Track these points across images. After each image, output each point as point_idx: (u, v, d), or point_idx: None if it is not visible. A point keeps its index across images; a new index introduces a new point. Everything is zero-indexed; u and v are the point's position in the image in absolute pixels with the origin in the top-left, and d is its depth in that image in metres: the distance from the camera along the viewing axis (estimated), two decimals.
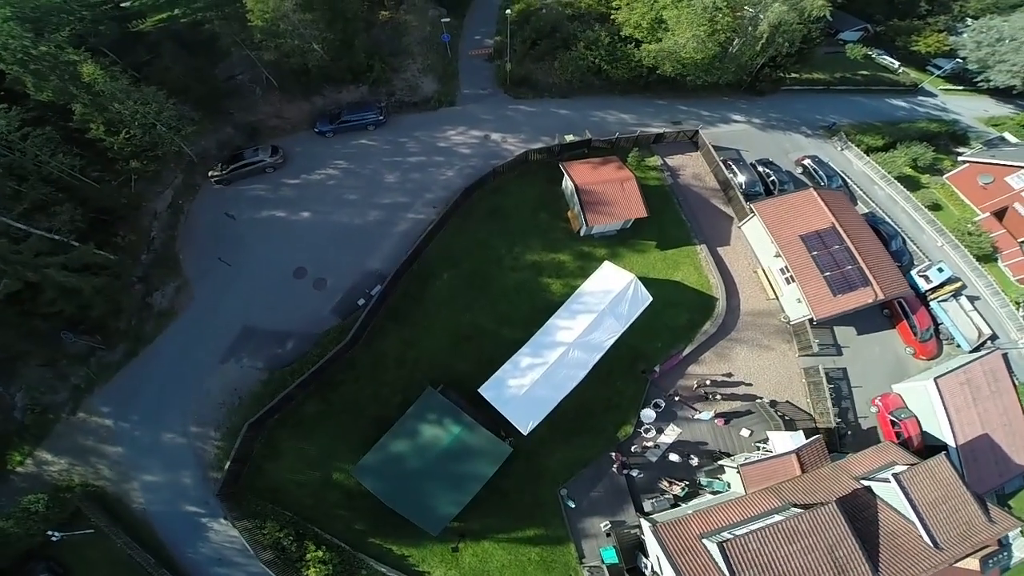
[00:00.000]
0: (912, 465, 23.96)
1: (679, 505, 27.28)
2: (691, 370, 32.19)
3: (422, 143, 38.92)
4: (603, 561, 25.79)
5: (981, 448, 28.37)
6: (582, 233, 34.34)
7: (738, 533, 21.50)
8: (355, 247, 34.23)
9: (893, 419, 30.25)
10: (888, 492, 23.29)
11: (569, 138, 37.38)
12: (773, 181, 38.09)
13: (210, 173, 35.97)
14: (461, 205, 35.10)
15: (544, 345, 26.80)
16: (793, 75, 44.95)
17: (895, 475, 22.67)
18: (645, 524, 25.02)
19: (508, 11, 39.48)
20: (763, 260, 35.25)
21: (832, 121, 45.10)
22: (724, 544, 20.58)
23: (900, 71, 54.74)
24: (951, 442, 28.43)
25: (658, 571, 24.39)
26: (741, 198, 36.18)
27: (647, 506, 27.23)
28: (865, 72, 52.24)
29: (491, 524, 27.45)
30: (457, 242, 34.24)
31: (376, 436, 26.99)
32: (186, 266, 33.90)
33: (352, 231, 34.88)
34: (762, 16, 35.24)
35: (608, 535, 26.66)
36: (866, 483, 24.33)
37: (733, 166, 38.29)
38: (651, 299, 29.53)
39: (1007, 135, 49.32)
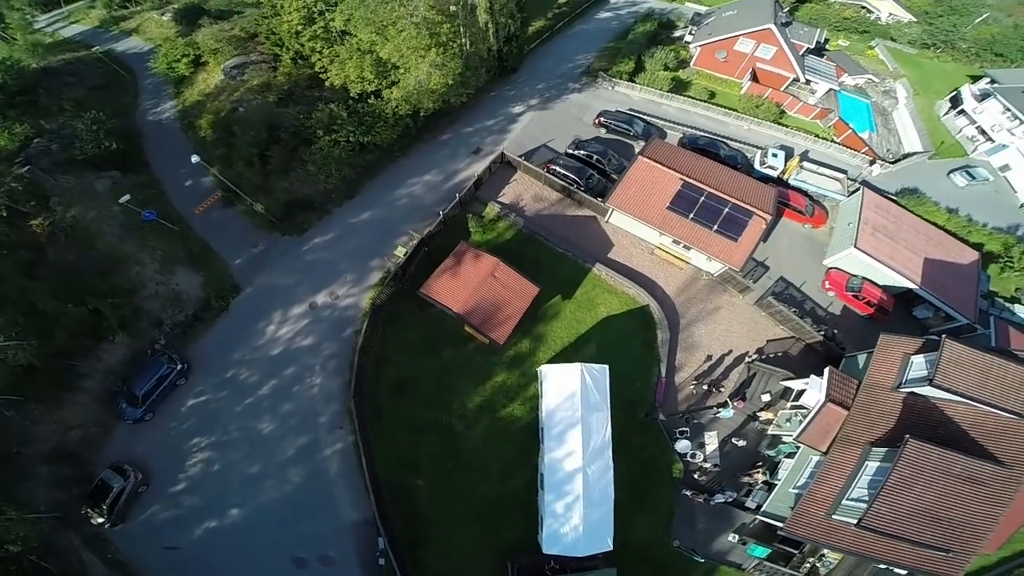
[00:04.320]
0: (922, 353, 23.97)
1: (774, 484, 26.31)
2: (678, 380, 29.87)
3: (254, 364, 29.33)
4: (759, 558, 25.46)
5: (935, 274, 30.40)
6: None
7: (854, 497, 21.93)
8: (315, 513, 26.26)
9: (852, 293, 31.07)
10: (934, 391, 22.62)
11: (401, 253, 30.57)
12: (598, 160, 36.05)
13: (95, 522, 25.64)
14: (364, 409, 27.57)
15: (561, 482, 24.57)
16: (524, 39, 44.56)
17: (932, 383, 21.98)
18: (768, 521, 25.11)
19: (199, 146, 31.45)
20: (651, 240, 33.33)
21: (585, 65, 45.11)
22: (863, 522, 20.66)
23: None
24: (912, 285, 30.05)
25: None
26: (588, 197, 33.71)
27: (750, 503, 26.62)
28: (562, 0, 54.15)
29: None
30: (397, 446, 27.45)
31: None
32: None
33: (295, 502, 26.47)
34: (471, 1, 33.93)
35: (743, 543, 25.90)
36: (907, 391, 23.55)
37: (556, 168, 35.14)
38: (607, 367, 26.62)
39: (694, 6, 54.79)
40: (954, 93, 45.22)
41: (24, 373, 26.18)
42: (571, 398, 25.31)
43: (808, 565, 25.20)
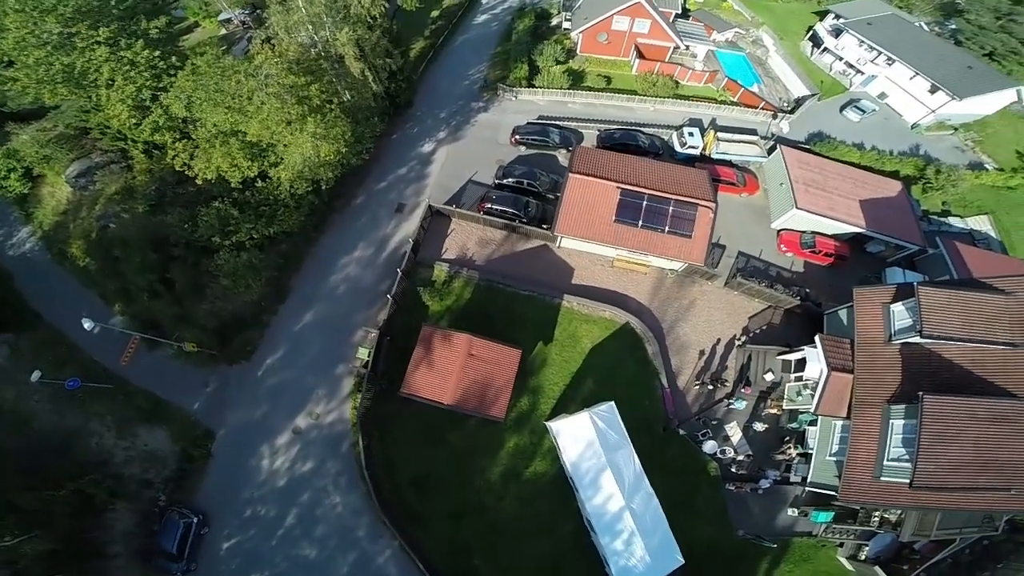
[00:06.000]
0: (899, 301, 24.76)
1: (808, 453, 26.83)
2: (682, 384, 29.62)
3: (266, 500, 26.78)
4: (825, 523, 26.25)
5: (873, 212, 31.98)
6: None
7: (894, 457, 22.43)
8: None
9: (808, 249, 32.27)
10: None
11: (364, 354, 26.93)
12: (529, 184, 34.09)
13: None
14: (395, 515, 26.15)
15: (612, 523, 24.51)
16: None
17: (920, 333, 22.58)
18: (818, 490, 25.54)
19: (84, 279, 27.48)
20: (607, 253, 32.10)
21: (481, 78, 43.08)
22: (914, 482, 20.97)
23: None
24: (857, 228, 31.55)
25: None
26: (533, 228, 31.93)
27: (795, 478, 27.29)
28: (435, 13, 51.55)
29: None
30: (442, 537, 26.09)
31: None
32: None
33: None
34: (337, 51, 31.28)
35: (804, 513, 26.70)
36: (900, 342, 24.19)
37: (491, 205, 32.67)
38: (612, 403, 26.07)
39: None
40: (811, 33, 48.36)
41: (50, 557, 24.63)
42: (590, 446, 24.86)
43: (876, 518, 25.58)
